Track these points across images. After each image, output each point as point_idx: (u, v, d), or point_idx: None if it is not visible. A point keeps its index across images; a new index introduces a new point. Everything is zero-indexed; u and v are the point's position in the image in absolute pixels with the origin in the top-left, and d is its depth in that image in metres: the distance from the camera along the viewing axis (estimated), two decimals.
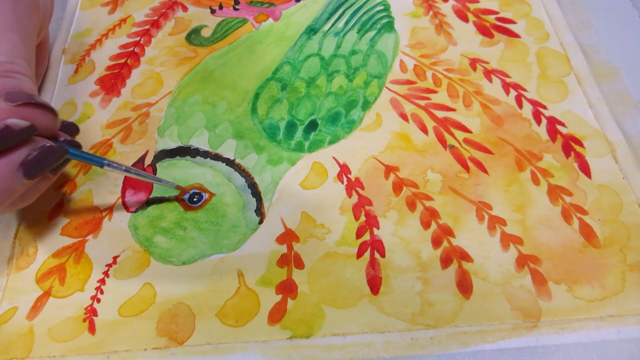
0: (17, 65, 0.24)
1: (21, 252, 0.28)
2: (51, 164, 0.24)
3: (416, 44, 0.35)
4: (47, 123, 0.24)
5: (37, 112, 0.23)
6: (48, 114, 0.24)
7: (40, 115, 0.23)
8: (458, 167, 0.29)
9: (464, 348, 0.23)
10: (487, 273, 0.25)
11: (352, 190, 0.28)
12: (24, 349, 0.24)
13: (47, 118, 0.24)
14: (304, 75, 0.33)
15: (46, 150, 0.23)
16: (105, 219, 0.28)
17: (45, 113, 0.24)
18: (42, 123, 0.23)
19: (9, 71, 0.24)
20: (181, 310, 0.25)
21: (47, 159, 0.23)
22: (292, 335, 0.24)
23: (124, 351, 0.24)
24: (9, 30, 0.25)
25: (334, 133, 0.31)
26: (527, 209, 0.27)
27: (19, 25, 0.25)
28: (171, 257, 0.27)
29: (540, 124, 0.30)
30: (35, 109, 0.23)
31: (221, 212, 0.28)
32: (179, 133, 0.31)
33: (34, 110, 0.23)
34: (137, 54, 0.36)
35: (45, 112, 0.24)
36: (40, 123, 0.23)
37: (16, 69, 0.24)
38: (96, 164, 0.26)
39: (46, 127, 0.24)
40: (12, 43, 0.24)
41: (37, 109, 0.23)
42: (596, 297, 0.24)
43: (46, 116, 0.24)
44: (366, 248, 0.26)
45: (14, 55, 0.24)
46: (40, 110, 0.23)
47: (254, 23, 0.37)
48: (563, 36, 0.34)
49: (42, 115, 0.23)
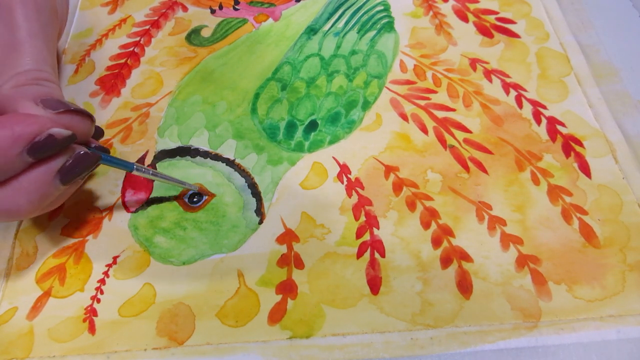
0: (45, 73, 0.25)
1: (21, 252, 0.28)
2: (86, 170, 0.24)
3: (416, 44, 0.35)
4: (85, 129, 0.24)
5: (76, 119, 0.24)
6: (86, 121, 0.24)
7: (80, 123, 0.24)
8: (458, 167, 0.29)
9: (464, 348, 0.23)
10: (487, 273, 0.25)
11: (352, 190, 0.28)
12: (24, 349, 0.24)
13: (85, 125, 0.24)
14: (304, 75, 0.33)
15: (82, 157, 0.23)
16: (105, 219, 0.28)
17: (84, 120, 0.24)
18: (81, 130, 0.24)
19: (39, 79, 0.24)
20: (181, 311, 0.25)
21: (83, 165, 0.24)
22: (292, 335, 0.24)
23: (124, 351, 0.24)
24: (35, 38, 0.25)
25: (334, 133, 0.31)
26: (527, 209, 0.27)
27: (44, 33, 0.26)
28: (171, 257, 0.27)
29: (540, 124, 0.30)
30: (75, 116, 0.24)
31: (221, 212, 0.28)
32: (179, 133, 0.31)
33: (73, 117, 0.24)
34: (137, 54, 0.36)
35: (84, 119, 0.24)
36: (79, 130, 0.24)
37: (44, 76, 0.24)
38: (126, 169, 0.26)
39: (84, 133, 0.24)
40: (39, 51, 0.25)
41: (77, 116, 0.24)
42: (596, 297, 0.24)
43: (84, 123, 0.24)
44: (366, 248, 0.26)
45: (42, 63, 0.25)
46: (80, 117, 0.24)
47: (254, 23, 0.37)
48: (563, 36, 0.34)
49: (81, 122, 0.24)
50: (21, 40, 0.25)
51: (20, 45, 0.24)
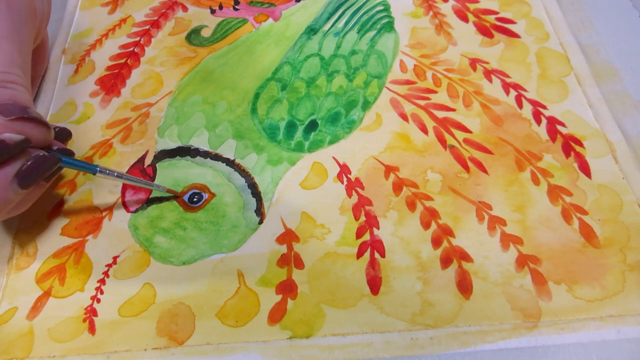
0: (11, 75, 0.24)
1: (21, 252, 0.28)
2: (44, 173, 0.24)
3: (416, 44, 0.35)
4: (40, 136, 0.24)
5: (30, 126, 0.23)
6: (41, 128, 0.24)
7: (34, 129, 0.24)
8: (458, 167, 0.29)
9: (464, 348, 0.23)
10: (487, 273, 0.25)
11: (352, 190, 0.28)
12: (24, 349, 0.24)
13: (40, 132, 0.24)
14: (304, 75, 0.33)
15: (39, 160, 0.24)
16: (105, 219, 0.28)
17: (38, 127, 0.24)
18: (35, 136, 0.24)
19: (4, 81, 0.24)
20: (181, 311, 0.25)
21: (41, 168, 0.24)
22: (292, 335, 0.24)
23: (123, 351, 0.24)
24: (3, 40, 0.25)
25: (334, 133, 0.31)
26: (527, 209, 0.27)
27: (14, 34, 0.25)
28: (171, 257, 0.27)
29: (540, 124, 0.30)
30: (29, 123, 0.23)
31: (221, 212, 0.28)
32: (179, 133, 0.31)
33: (27, 124, 0.23)
34: (137, 54, 0.36)
35: (38, 126, 0.24)
36: (34, 136, 0.24)
37: (11, 78, 0.24)
38: (89, 171, 0.26)
39: (40, 140, 0.24)
40: (6, 52, 0.25)
41: (30, 123, 0.23)
42: (596, 297, 0.24)
43: (39, 130, 0.24)
44: (366, 248, 0.26)
45: (9, 65, 0.24)
46: (33, 124, 0.24)
47: (254, 23, 0.37)
48: (563, 36, 0.34)
49: (35, 129, 0.24)
50: None
51: None
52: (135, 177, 0.28)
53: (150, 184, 0.28)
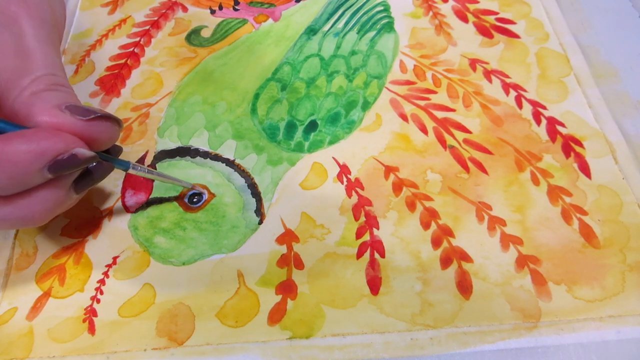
0: (59, 77, 0.24)
1: (21, 252, 0.28)
2: (100, 179, 0.25)
3: (416, 45, 0.35)
4: (113, 135, 0.24)
5: (106, 125, 0.24)
6: (114, 126, 0.24)
7: (109, 129, 0.24)
8: (458, 167, 0.29)
9: (464, 348, 0.23)
10: (486, 273, 0.25)
11: (352, 191, 0.28)
12: (24, 350, 0.24)
13: (113, 130, 0.24)
14: (304, 75, 0.33)
15: (97, 169, 0.24)
16: (105, 219, 0.28)
17: (113, 125, 0.24)
18: (108, 136, 0.24)
19: (56, 84, 0.24)
20: (181, 311, 0.25)
21: (97, 175, 0.24)
22: (292, 335, 0.24)
23: (123, 352, 0.24)
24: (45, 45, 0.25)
25: (334, 133, 0.31)
26: (527, 210, 0.27)
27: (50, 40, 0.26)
28: (171, 258, 0.27)
29: (540, 125, 0.30)
30: (105, 122, 0.23)
31: (221, 213, 0.28)
32: (178, 133, 0.31)
33: (104, 123, 0.23)
34: (137, 55, 0.36)
35: (113, 124, 0.24)
36: (107, 136, 0.24)
37: (60, 81, 0.24)
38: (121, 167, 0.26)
39: (111, 139, 0.24)
40: (50, 56, 0.25)
41: (107, 122, 0.24)
42: (596, 298, 0.24)
43: (113, 128, 0.24)
44: (366, 248, 0.26)
45: (55, 68, 0.25)
46: (110, 123, 0.24)
47: (253, 23, 0.37)
48: (563, 36, 0.34)
49: (111, 128, 0.24)
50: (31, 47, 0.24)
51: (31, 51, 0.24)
52: (164, 174, 0.28)
53: (178, 180, 0.28)
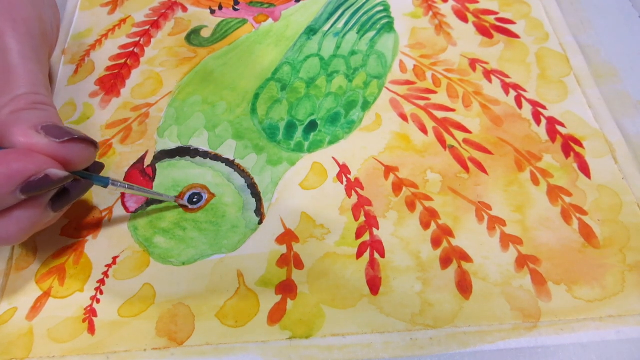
0: (41, 96, 0.24)
1: (21, 253, 0.28)
2: (77, 197, 0.24)
3: (416, 45, 0.35)
4: (89, 158, 0.24)
5: (80, 147, 0.23)
6: (90, 148, 0.24)
7: (84, 150, 0.23)
8: (458, 167, 0.29)
9: (464, 348, 0.23)
10: (486, 273, 0.25)
11: (352, 191, 0.28)
12: (24, 350, 0.24)
13: (89, 153, 0.24)
14: (304, 75, 0.33)
15: (74, 187, 0.24)
16: (105, 219, 0.28)
17: (88, 147, 0.24)
18: (84, 158, 0.24)
19: (36, 102, 0.24)
20: (181, 311, 0.25)
21: (74, 194, 0.24)
22: (292, 335, 0.24)
23: (123, 352, 0.24)
24: (29, 61, 0.24)
25: (334, 133, 0.31)
26: (527, 210, 0.27)
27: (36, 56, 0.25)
28: (171, 258, 0.27)
29: (539, 125, 0.30)
30: (80, 144, 0.23)
31: (221, 213, 0.28)
32: (178, 133, 0.31)
33: (78, 145, 0.23)
34: (136, 55, 0.36)
35: (88, 146, 0.24)
36: (84, 157, 0.23)
37: (42, 99, 0.24)
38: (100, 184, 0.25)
39: (86, 161, 0.24)
40: (34, 74, 0.24)
41: (82, 144, 0.23)
42: (596, 298, 0.24)
43: (88, 150, 0.24)
44: (366, 248, 0.26)
45: (37, 86, 0.24)
46: (84, 145, 0.23)
47: (253, 23, 0.37)
48: (562, 36, 0.34)
49: (86, 150, 0.23)
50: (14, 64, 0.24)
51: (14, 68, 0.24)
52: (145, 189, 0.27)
53: (160, 195, 0.28)
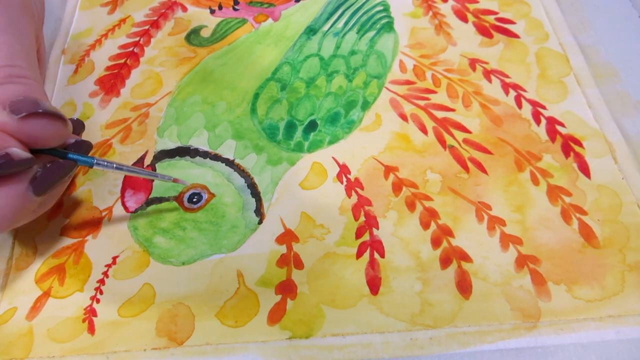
0: (17, 68, 0.23)
1: (21, 252, 0.28)
2: (60, 178, 0.23)
3: (416, 44, 0.35)
4: (57, 132, 0.22)
5: (43, 122, 0.21)
6: (57, 123, 0.22)
7: (49, 126, 0.22)
8: (457, 167, 0.29)
9: (464, 348, 0.23)
10: (486, 273, 0.25)
11: (352, 191, 0.28)
12: (24, 349, 0.24)
13: (56, 127, 0.22)
14: (304, 75, 0.33)
15: (54, 167, 0.22)
16: (105, 219, 0.28)
17: (53, 122, 0.22)
18: (51, 133, 0.22)
19: (11, 76, 0.22)
20: (180, 311, 0.25)
21: (56, 175, 0.22)
22: (292, 335, 0.24)
23: (123, 351, 0.24)
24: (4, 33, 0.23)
25: (334, 133, 0.31)
26: (527, 209, 0.27)
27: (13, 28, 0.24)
28: (171, 258, 0.27)
29: (539, 124, 0.30)
30: (42, 119, 0.21)
31: (220, 213, 0.28)
32: (178, 133, 0.31)
33: (40, 120, 0.21)
34: (136, 54, 0.36)
35: (54, 120, 0.22)
36: (50, 133, 0.22)
37: (18, 72, 0.23)
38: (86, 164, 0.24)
39: (57, 136, 0.22)
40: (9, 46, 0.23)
41: (44, 119, 0.21)
42: (595, 298, 0.24)
43: (55, 125, 0.22)
44: (365, 248, 0.26)
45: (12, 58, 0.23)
46: (47, 120, 0.22)
47: (253, 23, 0.37)
48: (562, 36, 0.34)
49: (51, 125, 0.22)
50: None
51: None
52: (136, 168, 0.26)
53: (154, 174, 0.27)
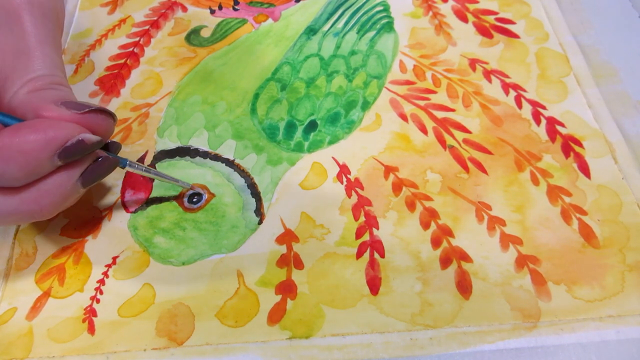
0: (57, 77, 0.25)
1: (20, 253, 0.28)
2: (106, 173, 0.25)
3: (416, 45, 0.35)
4: (109, 128, 0.25)
5: (100, 118, 0.24)
6: (109, 119, 0.25)
7: (103, 121, 0.24)
8: (457, 167, 0.29)
9: (464, 348, 0.23)
10: (486, 273, 0.25)
11: (352, 191, 0.28)
12: (24, 350, 0.24)
13: (108, 123, 0.25)
14: (304, 75, 0.33)
15: (103, 162, 0.24)
16: (105, 219, 0.28)
17: (106, 118, 0.24)
18: (104, 128, 0.24)
19: (53, 83, 0.24)
20: (180, 311, 0.25)
21: (103, 169, 0.24)
22: (292, 335, 0.24)
23: (123, 351, 0.24)
24: (44, 44, 0.25)
25: (334, 133, 0.31)
26: (527, 210, 0.27)
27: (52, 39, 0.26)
28: (171, 258, 0.27)
29: (539, 125, 0.30)
30: (100, 115, 0.24)
31: (220, 213, 0.28)
32: (178, 133, 0.31)
33: (97, 116, 0.24)
34: (136, 55, 0.36)
35: (107, 117, 0.24)
36: (103, 129, 0.24)
37: (58, 80, 0.25)
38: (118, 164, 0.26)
39: (107, 131, 0.25)
40: (49, 56, 0.25)
41: (100, 115, 0.24)
42: (595, 298, 0.24)
43: (107, 121, 0.25)
44: (366, 248, 0.26)
45: (53, 68, 0.25)
46: (103, 116, 0.24)
47: (253, 23, 0.37)
48: (562, 36, 0.34)
49: (104, 120, 0.24)
50: (31, 47, 0.25)
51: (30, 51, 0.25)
52: (162, 173, 0.28)
53: (176, 180, 0.28)
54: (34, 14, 0.25)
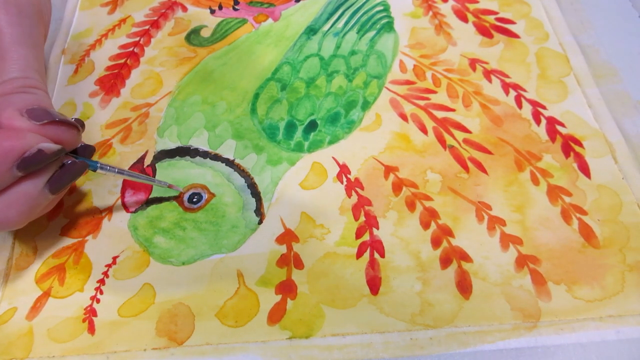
0: (31, 80, 0.24)
1: (21, 252, 0.28)
2: (74, 178, 0.24)
3: (416, 44, 0.35)
4: (72, 140, 0.24)
5: (62, 129, 0.23)
6: (72, 130, 0.24)
7: (65, 133, 0.24)
8: (457, 167, 0.29)
9: (464, 348, 0.23)
10: (486, 273, 0.25)
11: (352, 191, 0.28)
12: (24, 349, 0.24)
13: (71, 135, 0.24)
14: (304, 75, 0.33)
15: (69, 167, 0.24)
16: (105, 219, 0.28)
17: (69, 130, 0.24)
18: (66, 140, 0.24)
19: (25, 86, 0.24)
20: (181, 311, 0.25)
21: (71, 174, 0.24)
22: (292, 335, 0.24)
23: (123, 351, 0.24)
24: (19, 45, 0.25)
25: (334, 133, 0.31)
26: (527, 209, 0.27)
27: (27, 39, 0.25)
28: (171, 258, 0.27)
29: (539, 124, 0.30)
30: (61, 127, 0.23)
31: (221, 213, 0.28)
32: (178, 133, 0.31)
33: (59, 128, 0.23)
34: (136, 54, 0.36)
35: (69, 129, 0.24)
36: (66, 140, 0.24)
37: (31, 83, 0.24)
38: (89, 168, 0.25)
39: (69, 143, 0.24)
40: (24, 58, 0.25)
41: (63, 126, 0.23)
42: (595, 298, 0.24)
43: (70, 133, 0.24)
44: (366, 248, 0.26)
45: (28, 70, 0.24)
46: (65, 128, 0.24)
47: (253, 23, 0.37)
48: (562, 36, 0.34)
49: (67, 132, 0.24)
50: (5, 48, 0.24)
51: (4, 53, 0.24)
52: (135, 173, 0.27)
53: (152, 180, 0.28)
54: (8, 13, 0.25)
